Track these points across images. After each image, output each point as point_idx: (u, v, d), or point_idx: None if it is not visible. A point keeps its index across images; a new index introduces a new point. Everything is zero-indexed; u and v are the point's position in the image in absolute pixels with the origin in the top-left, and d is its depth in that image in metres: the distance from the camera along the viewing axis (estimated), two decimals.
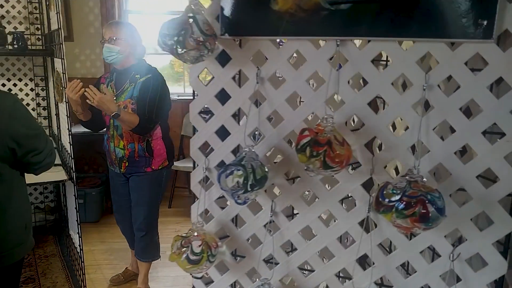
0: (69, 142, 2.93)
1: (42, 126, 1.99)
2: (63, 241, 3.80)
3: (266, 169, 1.25)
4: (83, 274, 3.05)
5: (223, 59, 1.30)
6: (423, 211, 1.07)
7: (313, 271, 1.33)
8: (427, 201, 1.07)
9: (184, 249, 1.31)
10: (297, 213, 1.36)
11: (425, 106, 1.14)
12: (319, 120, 1.17)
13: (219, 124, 1.32)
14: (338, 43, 1.16)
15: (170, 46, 1.19)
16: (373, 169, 1.20)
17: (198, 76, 1.33)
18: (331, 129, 1.15)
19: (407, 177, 1.12)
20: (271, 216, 1.32)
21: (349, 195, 1.35)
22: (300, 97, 1.39)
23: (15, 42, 3.26)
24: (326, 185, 1.31)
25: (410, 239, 1.23)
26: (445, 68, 1.11)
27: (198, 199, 1.39)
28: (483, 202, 1.14)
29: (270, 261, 1.37)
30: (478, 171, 1.14)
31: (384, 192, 1.12)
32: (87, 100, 2.51)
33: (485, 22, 1.06)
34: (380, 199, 1.13)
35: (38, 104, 3.86)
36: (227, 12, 1.23)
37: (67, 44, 4.31)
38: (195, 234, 1.34)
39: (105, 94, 2.53)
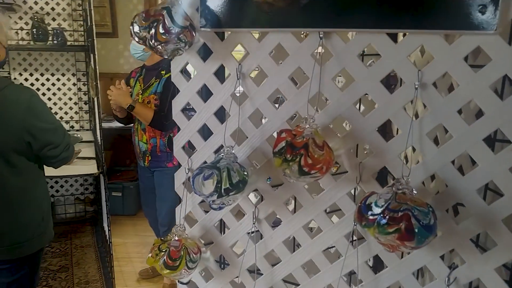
0: (100, 136, 2.98)
1: (59, 121, 2.01)
2: (99, 232, 3.89)
3: (246, 173, 1.15)
4: (111, 267, 3.09)
5: (209, 53, 1.22)
6: (407, 227, 0.93)
7: (298, 285, 1.22)
8: (412, 217, 0.93)
9: (162, 253, 1.24)
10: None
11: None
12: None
13: (202, 123, 1.24)
14: (321, 35, 1.04)
15: (143, 38, 1.13)
16: (360, 177, 1.07)
17: (182, 71, 1.25)
18: (311, 131, 1.03)
19: (393, 188, 0.98)
20: (254, 223, 1.22)
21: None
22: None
23: (54, 38, 3.36)
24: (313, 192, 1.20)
25: (402, 257, 1.09)
26: (440, 64, 0.96)
27: (182, 201, 1.32)
28: (485, 221, 0.98)
29: (256, 271, 1.28)
30: (478, 184, 0.98)
31: (367, 203, 1.00)
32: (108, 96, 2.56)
33: (487, 11, 0.90)
34: (362, 211, 1.00)
35: (80, 99, 3.97)
36: (207, 3, 1.14)
37: (112, 40, 4.42)
38: (176, 238, 1.28)
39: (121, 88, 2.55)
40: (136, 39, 1.13)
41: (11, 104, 1.81)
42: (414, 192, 0.97)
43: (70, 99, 3.95)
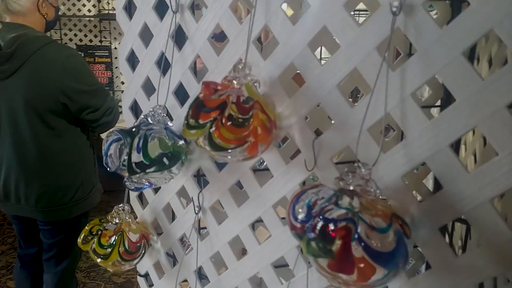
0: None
1: (101, 84, 1.88)
2: None
3: (179, 144, 0.84)
4: None
5: None
6: (343, 251, 0.54)
7: None
8: (355, 235, 0.53)
9: (91, 237, 0.99)
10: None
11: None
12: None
13: (145, 75, 0.95)
14: None
15: None
16: (314, 161, 0.69)
17: (126, 8, 0.97)
18: (240, 86, 0.68)
19: (340, 181, 0.59)
20: (196, 213, 0.90)
21: None
22: None
23: None
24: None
25: None
26: None
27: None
28: (505, 256, 0.53)
29: (204, 275, 0.96)
30: (494, 190, 0.53)
31: (299, 201, 0.62)
32: None
33: None
34: (291, 214, 0.63)
35: None
36: None
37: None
38: (116, 220, 1.01)
39: None
40: None
41: (48, 63, 1.71)
42: (376, 191, 0.56)
43: None
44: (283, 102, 0.71)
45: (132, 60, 1.00)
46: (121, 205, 1.03)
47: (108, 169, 0.83)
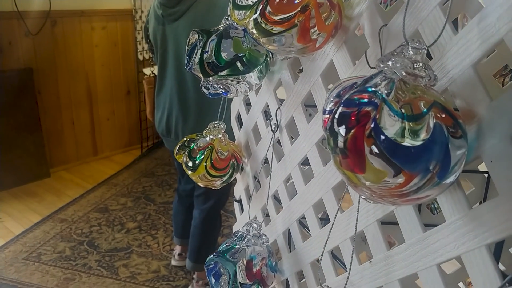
0: None
1: None
2: None
3: (260, 50, 0.77)
4: None
5: None
6: (354, 142, 0.42)
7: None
8: (372, 122, 0.41)
9: (182, 149, 1.01)
10: None
11: None
12: None
13: None
14: None
15: None
16: (381, 55, 0.55)
17: None
18: None
19: (381, 63, 0.45)
20: (274, 132, 0.83)
21: None
22: None
23: None
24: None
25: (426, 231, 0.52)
26: None
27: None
28: None
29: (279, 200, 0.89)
30: None
31: (334, 90, 0.51)
32: None
33: None
34: (322, 109, 0.52)
35: None
36: None
37: None
38: (210, 136, 1.01)
39: None
40: None
41: (210, 8, 1.82)
42: (426, 79, 0.42)
43: None
44: None
45: None
46: (217, 122, 1.02)
47: (186, 68, 0.82)
